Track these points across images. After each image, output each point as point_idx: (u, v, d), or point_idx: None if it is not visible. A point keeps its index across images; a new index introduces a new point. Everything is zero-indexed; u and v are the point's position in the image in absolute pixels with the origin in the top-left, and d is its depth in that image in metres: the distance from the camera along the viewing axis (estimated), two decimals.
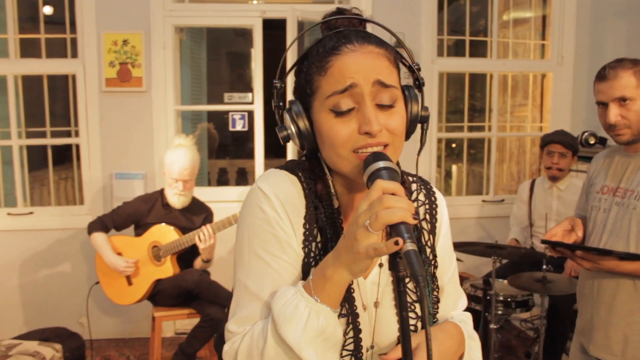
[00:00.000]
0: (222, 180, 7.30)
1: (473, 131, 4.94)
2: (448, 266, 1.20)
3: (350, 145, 0.99)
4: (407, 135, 1.08)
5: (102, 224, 3.39)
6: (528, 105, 4.95)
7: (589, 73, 4.55)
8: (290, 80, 1.12)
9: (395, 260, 0.87)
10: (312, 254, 1.05)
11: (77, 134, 4.15)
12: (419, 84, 1.10)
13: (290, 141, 1.07)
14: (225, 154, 7.76)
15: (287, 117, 1.05)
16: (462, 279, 3.68)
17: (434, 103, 4.42)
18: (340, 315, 1.02)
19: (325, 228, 1.06)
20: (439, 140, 4.67)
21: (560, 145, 3.67)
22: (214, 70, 5.51)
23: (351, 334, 1.04)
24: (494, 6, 4.48)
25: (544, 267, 3.03)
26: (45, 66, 4.14)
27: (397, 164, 1.15)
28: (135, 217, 3.43)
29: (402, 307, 0.86)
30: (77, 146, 4.16)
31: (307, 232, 1.05)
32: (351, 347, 1.04)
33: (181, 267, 3.42)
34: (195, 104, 4.82)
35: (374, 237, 0.87)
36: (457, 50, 5.11)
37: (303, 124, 1.04)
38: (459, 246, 3.17)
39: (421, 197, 1.20)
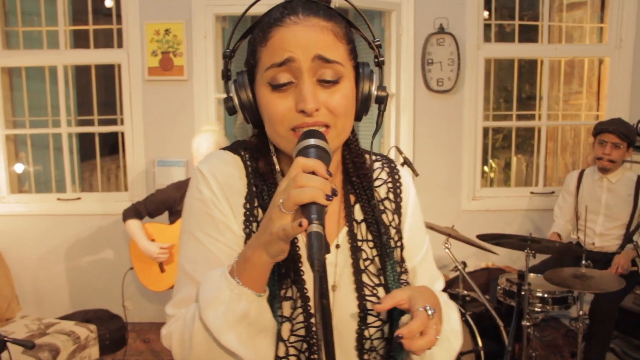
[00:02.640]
0: None
1: (522, 120, 4.72)
2: (418, 247, 1.14)
3: (288, 123, 0.95)
4: (359, 116, 1.02)
5: (135, 211, 3.46)
6: (583, 93, 4.69)
7: None
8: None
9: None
10: (253, 235, 1.00)
11: (122, 122, 4.26)
12: (378, 62, 1.03)
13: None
14: None
15: (232, 87, 1.01)
16: (501, 272, 3.54)
17: (480, 91, 4.25)
18: (285, 299, 0.98)
19: (266, 207, 1.00)
20: (486, 130, 4.48)
21: (613, 135, 3.44)
22: None
23: (300, 318, 0.98)
24: None
25: (583, 262, 2.86)
26: (93, 56, 4.27)
27: (356, 142, 1.10)
28: (167, 204, 3.48)
29: (321, 295, 0.80)
30: (123, 134, 4.28)
31: (248, 212, 1.01)
32: (302, 332, 0.98)
33: None
34: None
35: (287, 217, 0.82)
36: (513, 36, 4.90)
37: (245, 95, 1.00)
38: (490, 238, 3.04)
39: (383, 175, 1.14)
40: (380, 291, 1.04)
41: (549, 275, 2.89)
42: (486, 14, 4.29)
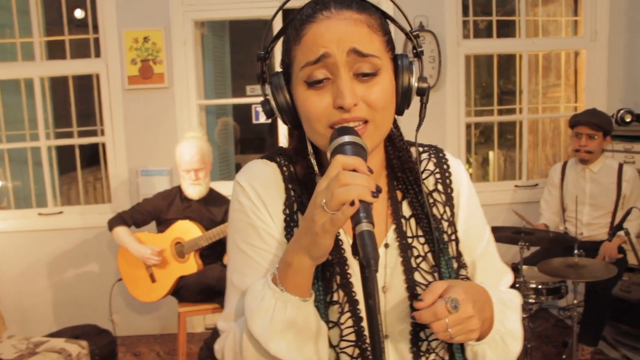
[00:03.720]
0: None
1: (503, 115, 4.76)
2: (477, 239, 1.08)
3: (326, 120, 0.92)
4: (400, 109, 0.99)
5: (121, 220, 3.40)
6: (561, 85, 4.76)
7: (625, 48, 4.34)
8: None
9: (355, 244, 0.79)
10: (291, 239, 0.98)
11: (103, 133, 4.19)
12: (416, 53, 1.00)
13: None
14: (252, 146, 7.75)
15: (268, 90, 0.99)
16: None
17: (461, 87, 4.28)
18: (331, 303, 0.95)
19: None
20: (468, 125, 4.51)
21: (586, 126, 3.49)
22: (238, 63, 5.49)
23: (349, 322, 0.96)
24: None
25: (576, 252, 2.89)
26: (70, 67, 4.19)
27: (400, 136, 1.07)
28: (155, 213, 3.44)
29: (367, 295, 0.78)
30: (104, 145, 4.20)
31: (288, 218, 1.00)
32: (352, 337, 0.96)
33: (205, 262, 3.40)
34: (219, 98, 4.81)
35: (330, 217, 0.79)
36: (489, 32, 4.95)
37: (283, 97, 0.97)
38: None
39: (430, 166, 1.10)
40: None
41: (542, 266, 2.92)
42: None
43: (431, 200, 1.06)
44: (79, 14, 5.03)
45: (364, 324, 0.95)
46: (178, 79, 4.08)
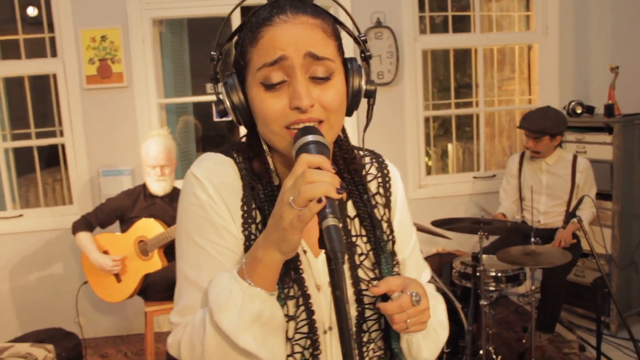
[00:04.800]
0: None
1: (460, 108, 4.89)
2: (408, 240, 1.18)
3: (282, 121, 0.95)
4: (350, 111, 1.04)
5: (86, 223, 3.38)
6: (515, 79, 4.90)
7: (575, 42, 4.51)
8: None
9: (323, 238, 0.83)
10: (252, 236, 1.02)
11: (62, 133, 4.13)
12: (364, 57, 1.05)
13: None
14: (213, 144, 7.73)
15: (222, 90, 1.02)
16: (453, 256, 3.67)
17: (419, 81, 4.37)
18: (288, 298, 0.99)
19: (264, 208, 1.02)
20: (427, 119, 4.61)
21: (527, 131, 3.62)
22: (197, 61, 5.47)
23: (303, 315, 1.00)
24: None
25: (532, 239, 3.01)
26: (25, 67, 4.11)
27: (346, 138, 1.13)
28: (119, 212, 3.42)
29: (334, 287, 0.83)
30: (64, 146, 4.14)
31: (246, 215, 1.02)
32: (305, 329, 1.01)
33: (169, 259, 3.41)
34: (179, 97, 4.79)
35: (298, 213, 0.84)
36: (444, 27, 5.04)
37: (237, 97, 1.00)
38: (444, 223, 3.15)
39: (373, 170, 1.16)
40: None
41: (501, 255, 3.02)
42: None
43: (373, 202, 1.13)
44: (31, 11, 4.91)
45: (316, 316, 1.01)
46: (137, 78, 4.04)
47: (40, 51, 4.15)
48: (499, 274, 3.16)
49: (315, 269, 1.05)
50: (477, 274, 3.03)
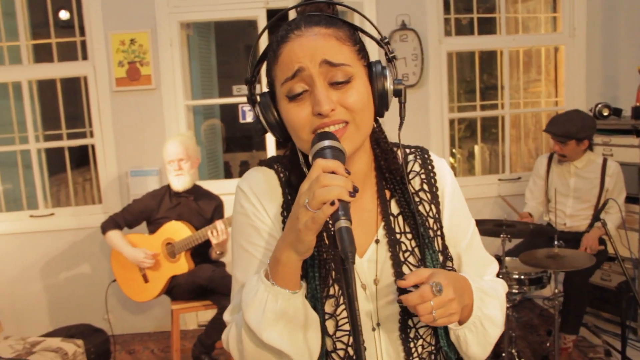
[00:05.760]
0: (244, 172, 7.32)
1: (486, 110, 4.86)
2: (462, 233, 1.16)
3: (309, 127, 1.00)
4: (380, 112, 1.07)
5: (114, 223, 3.46)
6: (542, 81, 4.86)
7: (603, 44, 4.45)
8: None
9: (335, 240, 0.87)
10: (279, 237, 1.06)
11: (92, 134, 4.23)
12: (389, 58, 1.08)
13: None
14: (239, 145, 7.79)
15: (258, 109, 1.07)
16: None
17: (444, 83, 4.37)
18: (327, 297, 1.04)
19: None
20: (451, 121, 4.60)
21: (552, 135, 3.59)
22: (225, 63, 5.55)
23: (345, 314, 1.05)
24: None
25: (556, 242, 2.99)
26: (57, 70, 4.23)
27: (385, 139, 1.15)
28: (145, 213, 3.50)
29: (346, 285, 0.86)
30: (94, 147, 4.25)
31: (285, 220, 1.08)
32: (347, 327, 1.05)
33: (196, 262, 3.47)
34: (206, 99, 4.87)
35: (312, 215, 0.88)
36: (471, 28, 5.03)
37: (271, 115, 1.06)
38: None
39: (416, 167, 1.17)
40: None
41: (524, 257, 3.01)
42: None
43: (417, 199, 1.14)
44: (64, 15, 5.05)
45: (361, 314, 1.04)
46: (165, 80, 4.13)
47: (72, 54, 4.26)
48: (522, 277, 3.15)
49: (360, 267, 1.09)
50: (500, 276, 3.02)
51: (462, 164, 6.39)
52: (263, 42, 3.49)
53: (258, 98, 1.08)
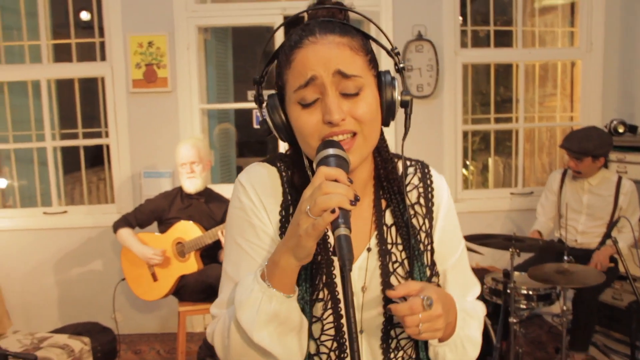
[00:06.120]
0: None
1: (500, 123, 4.85)
2: (451, 251, 1.17)
3: (318, 135, 1.01)
4: (386, 121, 1.08)
5: (126, 222, 3.50)
6: (557, 95, 4.83)
7: (620, 60, 4.42)
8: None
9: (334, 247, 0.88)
10: (280, 241, 1.07)
11: (107, 134, 4.28)
12: (398, 68, 1.09)
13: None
14: (252, 150, 7.82)
15: (264, 110, 1.08)
16: (486, 272, 3.64)
17: (458, 95, 4.36)
18: (317, 300, 1.05)
19: None
20: (465, 133, 4.59)
21: (568, 151, 3.56)
22: (241, 68, 5.58)
23: (331, 319, 1.06)
24: None
25: (565, 258, 2.97)
26: (76, 70, 4.29)
27: (386, 149, 1.16)
28: (157, 213, 3.53)
29: (344, 292, 0.87)
30: (108, 147, 4.29)
31: (283, 219, 1.09)
32: (332, 332, 1.06)
33: (205, 262, 3.49)
34: (221, 103, 4.90)
35: (313, 222, 0.89)
36: (489, 40, 5.02)
37: (278, 117, 1.07)
38: (476, 239, 3.14)
39: (415, 180, 1.18)
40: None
41: (533, 272, 2.99)
42: (460, 19, 4.41)
43: (412, 212, 1.15)
44: (85, 16, 5.12)
45: (344, 320, 1.06)
46: (181, 83, 4.17)
47: (91, 55, 4.32)
48: (531, 292, 3.13)
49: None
50: (508, 291, 3.00)
51: (475, 176, 6.37)
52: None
53: (266, 99, 1.09)
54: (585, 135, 3.52)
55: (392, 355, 1.10)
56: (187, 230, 3.46)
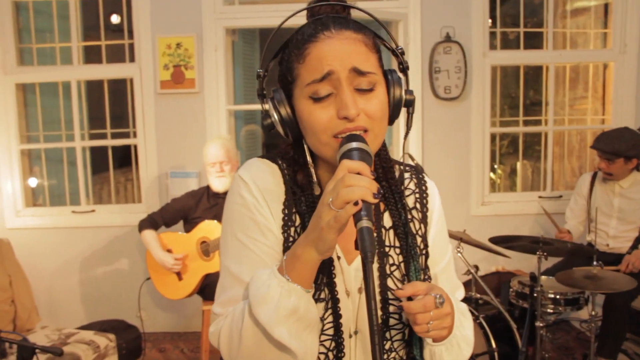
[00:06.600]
0: None
1: (529, 126, 4.77)
2: (441, 255, 1.19)
3: (330, 131, 1.00)
4: (391, 120, 1.07)
5: (152, 221, 3.53)
6: (589, 98, 4.74)
7: None
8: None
9: (357, 239, 0.87)
10: (290, 238, 1.07)
11: (135, 135, 4.33)
12: (403, 68, 1.09)
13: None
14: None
15: (269, 105, 1.06)
16: (512, 275, 3.58)
17: (487, 97, 4.31)
18: (318, 300, 1.04)
19: (304, 213, 1.07)
20: (493, 136, 4.53)
21: (599, 152, 3.49)
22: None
23: (330, 318, 1.05)
24: None
25: (594, 263, 2.90)
26: (105, 71, 4.36)
27: (385, 149, 1.16)
28: (183, 212, 3.56)
29: (366, 285, 0.86)
30: (136, 147, 4.35)
31: (286, 217, 1.07)
32: (331, 331, 1.05)
33: None
34: (248, 104, 4.92)
35: (335, 214, 0.88)
36: (518, 43, 4.96)
37: (285, 111, 1.05)
38: (502, 241, 3.08)
39: (411, 185, 1.19)
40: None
41: (561, 276, 2.93)
42: (490, 21, 4.36)
43: (410, 217, 1.15)
44: (115, 19, 5.20)
45: (342, 320, 1.05)
46: (208, 84, 4.20)
47: (120, 56, 4.38)
48: (558, 297, 3.07)
49: (347, 275, 1.08)
50: (534, 294, 2.95)
51: (503, 180, 6.28)
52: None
53: (271, 93, 1.07)
54: (617, 136, 3.45)
55: (385, 356, 1.10)
56: (212, 229, 3.47)
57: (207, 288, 3.49)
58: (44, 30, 4.47)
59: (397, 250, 1.12)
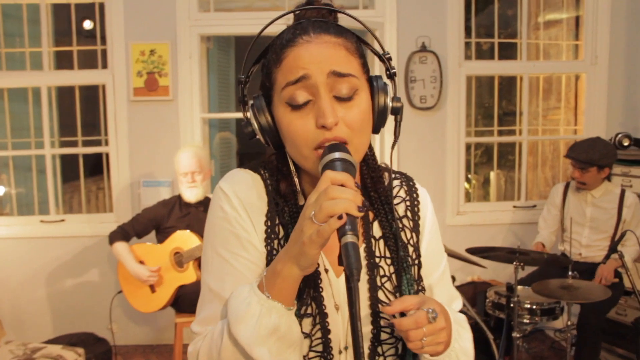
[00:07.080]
0: None
1: (504, 135, 4.81)
2: (435, 265, 1.15)
3: (311, 142, 0.95)
4: (376, 128, 1.03)
5: (123, 233, 3.44)
6: (561, 108, 4.80)
7: (625, 73, 4.39)
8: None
9: (340, 255, 0.83)
10: (274, 251, 1.02)
11: (107, 143, 4.24)
12: (390, 74, 1.05)
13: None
14: (252, 160, 7.82)
15: (249, 112, 1.02)
16: (488, 285, 3.59)
17: (462, 107, 4.33)
18: (305, 315, 0.99)
19: (288, 225, 1.03)
20: (468, 146, 4.55)
21: (574, 161, 3.52)
22: None
23: (319, 334, 1.00)
24: (523, 8, 4.38)
25: (570, 273, 2.92)
26: (77, 77, 4.26)
27: (373, 157, 1.12)
28: (155, 221, 3.48)
29: (350, 304, 0.82)
30: (108, 155, 4.25)
31: (269, 230, 1.03)
32: (319, 347, 1.00)
33: None
34: (223, 112, 4.87)
35: (318, 228, 0.83)
36: (492, 53, 5.00)
37: (264, 119, 1.01)
38: (479, 251, 3.08)
39: (402, 193, 1.15)
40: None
41: (537, 286, 2.94)
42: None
43: (400, 225, 1.11)
44: (87, 25, 5.10)
45: (331, 336, 1.00)
46: (182, 92, 4.13)
47: (92, 62, 4.29)
48: (534, 307, 3.07)
49: (336, 288, 1.04)
50: (511, 305, 2.95)
51: (477, 189, 6.32)
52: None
53: (250, 100, 1.03)
54: (590, 145, 3.49)
55: None
56: (186, 239, 3.41)
57: (180, 300, 3.42)
58: (13, 35, 4.36)
59: (388, 261, 1.07)
